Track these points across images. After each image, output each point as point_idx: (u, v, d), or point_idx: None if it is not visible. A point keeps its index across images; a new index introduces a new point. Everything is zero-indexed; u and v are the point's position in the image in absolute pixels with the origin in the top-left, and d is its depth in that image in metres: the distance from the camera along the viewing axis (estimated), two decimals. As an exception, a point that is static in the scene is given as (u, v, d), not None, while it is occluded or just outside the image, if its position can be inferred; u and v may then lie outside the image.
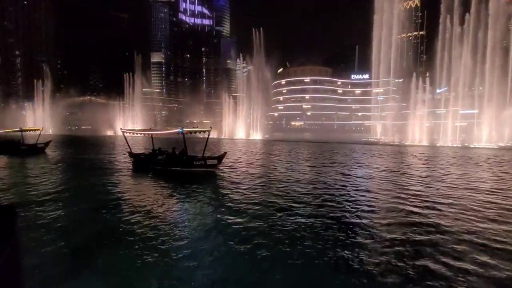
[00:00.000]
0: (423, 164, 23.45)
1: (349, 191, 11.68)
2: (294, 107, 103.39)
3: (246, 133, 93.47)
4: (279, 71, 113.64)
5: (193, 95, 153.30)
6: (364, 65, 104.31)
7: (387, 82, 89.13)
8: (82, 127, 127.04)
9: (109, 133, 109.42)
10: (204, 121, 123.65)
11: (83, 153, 28.59)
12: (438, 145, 63.04)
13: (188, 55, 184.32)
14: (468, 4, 63.57)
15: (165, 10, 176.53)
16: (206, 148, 16.38)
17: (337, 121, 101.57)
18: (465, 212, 8.70)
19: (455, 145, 59.67)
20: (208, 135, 16.10)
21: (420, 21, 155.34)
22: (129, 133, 18.23)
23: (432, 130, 71.35)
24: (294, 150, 38.98)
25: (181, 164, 15.63)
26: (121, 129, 18.55)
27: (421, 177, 15.89)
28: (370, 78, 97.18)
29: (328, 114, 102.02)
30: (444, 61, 69.13)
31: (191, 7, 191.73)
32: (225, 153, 16.85)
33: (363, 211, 8.78)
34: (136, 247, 5.81)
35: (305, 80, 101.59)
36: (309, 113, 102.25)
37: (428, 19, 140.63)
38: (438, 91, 79.81)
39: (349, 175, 16.31)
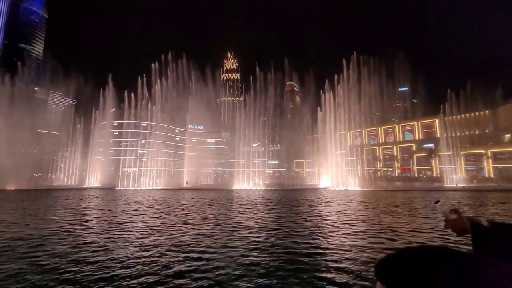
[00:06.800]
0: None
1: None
2: (127, 151, 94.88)
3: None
4: (111, 110, 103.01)
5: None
6: (198, 117, 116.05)
7: (219, 134, 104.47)
8: None
9: None
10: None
11: None
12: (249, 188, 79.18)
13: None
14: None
15: None
16: None
17: (174, 168, 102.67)
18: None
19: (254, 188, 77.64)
20: None
21: (240, 90, 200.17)
22: None
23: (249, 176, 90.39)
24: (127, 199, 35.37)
25: None
26: None
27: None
28: (204, 129, 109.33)
29: (165, 160, 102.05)
30: (255, 121, 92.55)
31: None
32: None
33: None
34: None
35: (142, 124, 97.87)
36: (144, 159, 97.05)
37: (244, 89, 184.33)
38: (254, 144, 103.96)
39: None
